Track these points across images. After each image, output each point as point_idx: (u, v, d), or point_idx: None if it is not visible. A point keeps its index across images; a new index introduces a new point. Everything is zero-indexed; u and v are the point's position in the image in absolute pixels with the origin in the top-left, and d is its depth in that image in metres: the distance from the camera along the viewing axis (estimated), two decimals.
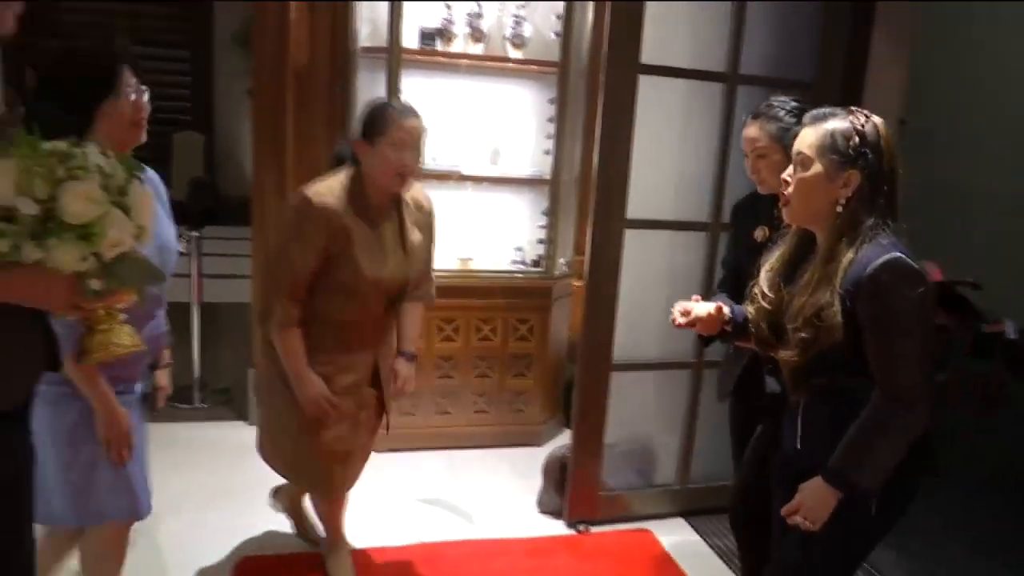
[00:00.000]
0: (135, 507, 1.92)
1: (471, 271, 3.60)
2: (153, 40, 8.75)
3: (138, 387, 1.97)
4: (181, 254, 3.89)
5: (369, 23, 3.42)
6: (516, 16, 3.49)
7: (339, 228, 2.19)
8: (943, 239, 4.90)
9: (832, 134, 1.57)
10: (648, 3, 2.73)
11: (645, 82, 2.78)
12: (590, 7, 3.55)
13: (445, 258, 3.45)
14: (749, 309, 1.75)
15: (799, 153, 1.61)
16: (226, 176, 8.88)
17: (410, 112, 2.25)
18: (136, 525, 2.11)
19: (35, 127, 1.23)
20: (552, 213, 3.61)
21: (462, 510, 3.12)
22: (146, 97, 1.88)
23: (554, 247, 3.65)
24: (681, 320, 1.81)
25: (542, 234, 3.67)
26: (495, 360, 3.64)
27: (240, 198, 5.07)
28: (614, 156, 2.78)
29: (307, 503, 2.73)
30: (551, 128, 3.56)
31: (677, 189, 2.98)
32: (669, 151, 2.95)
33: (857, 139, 1.55)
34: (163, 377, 2.13)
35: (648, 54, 2.77)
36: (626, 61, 2.73)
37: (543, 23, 3.55)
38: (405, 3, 3.27)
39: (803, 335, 1.56)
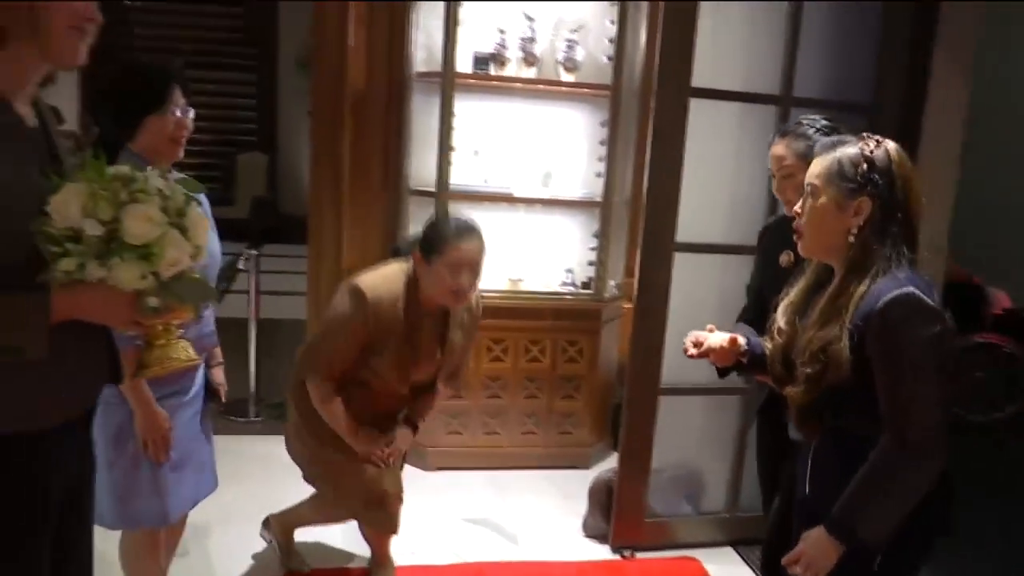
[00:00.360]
0: (165, 513, 2.00)
1: (521, 292, 3.62)
2: (221, 64, 9.14)
3: (193, 390, 2.05)
4: (240, 271, 4.03)
5: (424, 48, 3.50)
6: (569, 40, 3.52)
7: (385, 325, 2.23)
8: (1014, 263, 4.74)
9: (839, 161, 1.51)
10: (700, 25, 2.73)
11: (696, 104, 2.77)
12: (643, 31, 3.56)
13: (495, 279, 3.48)
14: (767, 344, 1.69)
15: (809, 184, 1.56)
16: (287, 195, 9.17)
17: (469, 233, 2.23)
18: (188, 533, 2.16)
19: (101, 151, 1.30)
20: (603, 235, 3.61)
21: (507, 531, 3.12)
22: (191, 117, 1.98)
23: (604, 269, 3.64)
24: (692, 351, 1.77)
25: (593, 256, 3.67)
26: (544, 381, 3.65)
27: (300, 217, 5.20)
28: (664, 179, 2.78)
29: (297, 535, 2.77)
30: (603, 150, 3.57)
31: (728, 212, 2.95)
32: (720, 174, 2.93)
33: (865, 165, 1.49)
34: (219, 374, 2.22)
35: (699, 76, 2.77)
36: (677, 85, 2.73)
37: (596, 46, 3.57)
38: (459, 29, 3.34)
39: (808, 370, 1.49)
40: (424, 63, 3.50)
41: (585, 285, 3.70)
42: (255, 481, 3.29)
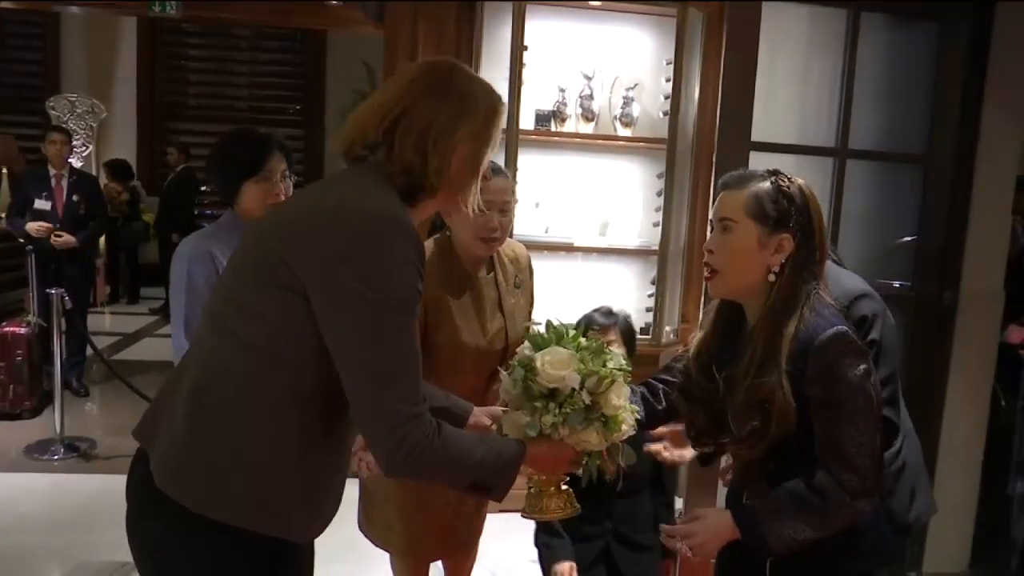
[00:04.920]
0: None
1: None
2: (268, 121, 9.54)
3: None
4: None
5: None
6: (625, 97, 3.69)
7: (429, 294, 2.00)
8: None
9: (758, 196, 1.44)
10: (757, 81, 2.87)
11: (755, 158, 2.90)
12: (696, 88, 3.72)
13: None
14: (681, 401, 1.63)
15: (724, 219, 1.47)
16: None
17: (495, 171, 2.08)
18: None
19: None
20: (660, 282, 3.72)
21: None
22: (290, 184, 2.12)
23: (661, 315, 3.74)
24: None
25: (650, 302, 3.78)
26: None
27: None
28: None
29: None
30: (659, 201, 3.71)
31: None
32: None
33: (785, 201, 1.44)
34: None
35: (756, 130, 2.90)
36: (738, 139, 2.87)
37: (651, 103, 3.74)
38: (523, 87, 3.52)
39: (754, 423, 1.41)
40: None
41: (643, 331, 3.79)
42: None
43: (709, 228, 1.53)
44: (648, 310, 3.79)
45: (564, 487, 1.54)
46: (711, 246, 1.49)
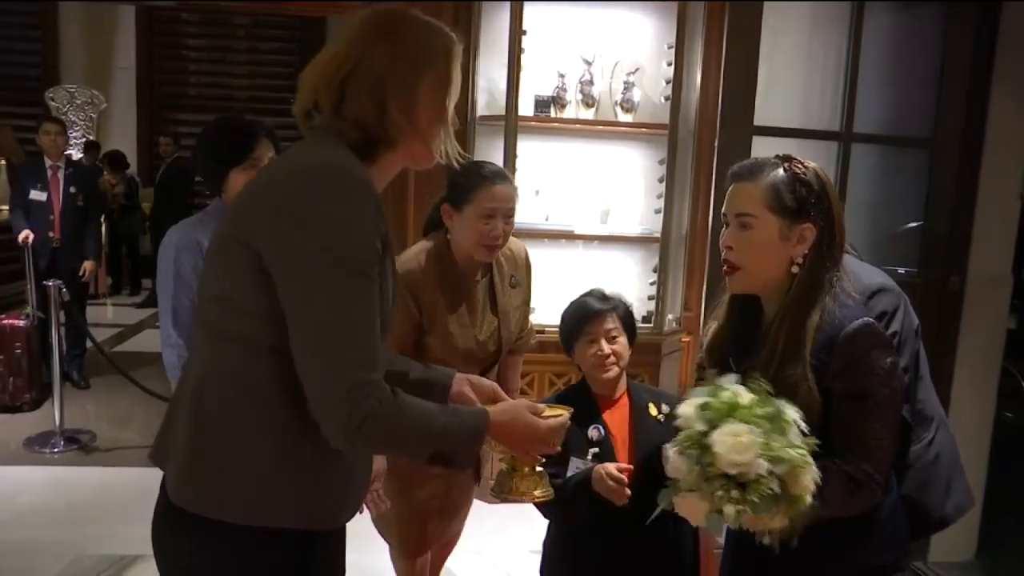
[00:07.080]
0: None
1: None
2: (268, 110, 9.47)
3: None
4: None
5: (486, 92, 3.64)
6: (626, 82, 3.63)
7: (425, 297, 2.04)
8: None
9: (775, 187, 1.39)
10: (760, 64, 2.83)
11: (758, 141, 2.86)
12: (698, 72, 3.67)
13: (557, 315, 3.54)
14: None
15: (740, 215, 1.42)
16: None
17: (500, 176, 2.06)
18: None
19: None
20: (662, 270, 3.67)
21: None
22: None
23: (663, 303, 3.70)
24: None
25: (651, 291, 3.74)
26: None
27: None
28: None
29: None
30: (660, 187, 3.65)
31: None
32: None
33: (803, 189, 1.39)
34: None
35: (759, 115, 2.86)
36: (741, 124, 2.83)
37: (652, 88, 3.68)
38: (522, 73, 3.47)
39: None
40: (486, 107, 3.63)
41: (645, 319, 3.75)
42: None
43: (723, 220, 1.47)
44: (650, 298, 3.75)
45: (539, 468, 1.46)
46: (730, 242, 1.44)
